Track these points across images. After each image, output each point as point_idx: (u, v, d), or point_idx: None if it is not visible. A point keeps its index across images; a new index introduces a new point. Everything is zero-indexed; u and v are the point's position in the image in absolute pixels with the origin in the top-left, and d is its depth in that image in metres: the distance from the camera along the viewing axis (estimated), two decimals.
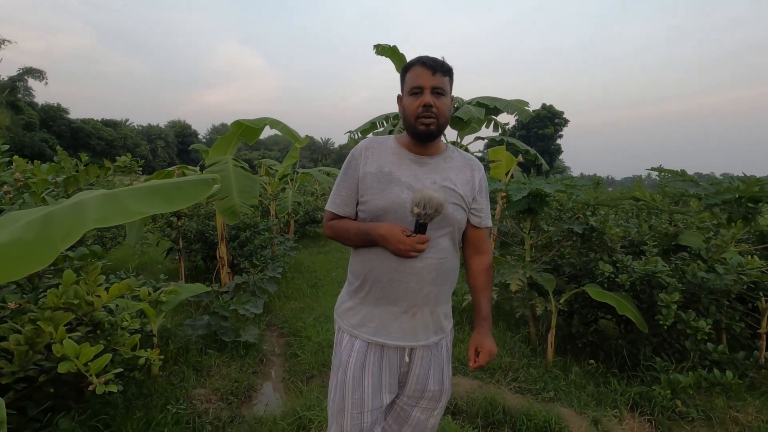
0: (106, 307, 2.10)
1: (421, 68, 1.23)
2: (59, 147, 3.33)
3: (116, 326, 2.01)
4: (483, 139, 7.28)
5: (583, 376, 2.89)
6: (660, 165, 3.66)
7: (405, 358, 1.30)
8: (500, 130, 7.37)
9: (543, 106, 48.69)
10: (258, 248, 5.14)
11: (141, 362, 2.00)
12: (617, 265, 2.92)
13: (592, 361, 3.01)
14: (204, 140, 78.77)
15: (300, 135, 4.50)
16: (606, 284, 2.90)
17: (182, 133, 69.87)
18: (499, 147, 5.88)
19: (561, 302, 3.04)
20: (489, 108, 6.49)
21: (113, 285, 1.92)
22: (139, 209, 1.29)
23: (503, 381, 2.87)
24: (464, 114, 6.18)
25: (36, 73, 39.02)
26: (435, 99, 1.22)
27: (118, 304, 2.18)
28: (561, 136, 50.37)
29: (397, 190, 1.24)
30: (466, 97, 7.03)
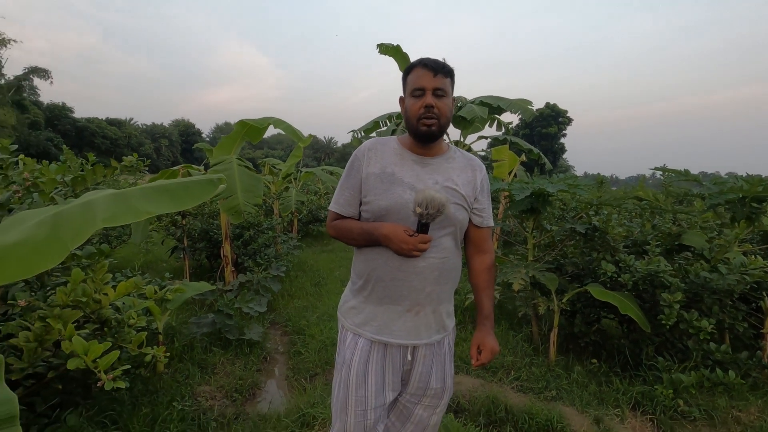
0: (113, 305, 2.14)
1: (423, 70, 1.24)
2: (65, 146, 3.37)
3: (123, 324, 2.04)
4: (486, 139, 7.28)
5: (586, 375, 2.90)
6: (664, 164, 3.67)
7: (408, 357, 1.32)
8: (503, 130, 7.37)
9: (547, 105, 48.46)
10: (262, 247, 5.17)
11: (147, 359, 2.03)
12: (620, 265, 2.92)
13: (595, 361, 3.02)
14: (208, 139, 79.07)
15: (303, 134, 4.52)
16: (608, 284, 2.91)
17: (186, 132, 70.13)
18: (503, 146, 5.88)
19: (563, 301, 3.05)
20: (492, 107, 6.49)
21: (120, 283, 1.95)
22: (147, 209, 1.31)
23: (505, 380, 2.89)
24: (467, 113, 6.18)
25: (41, 72, 39.32)
26: (436, 100, 1.24)
27: (125, 302, 2.20)
28: (565, 135, 50.12)
29: (400, 191, 1.25)
30: (470, 96, 7.03)
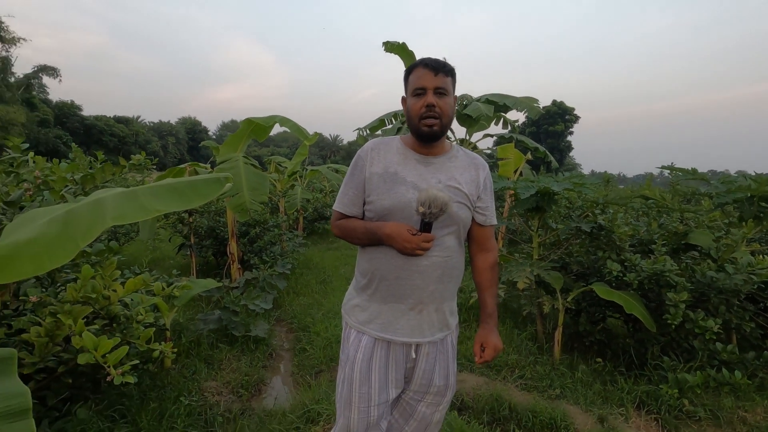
0: (122, 301, 2.17)
1: (424, 69, 1.25)
2: (74, 144, 3.41)
3: (131, 320, 2.07)
4: (492, 137, 7.23)
5: (590, 374, 2.90)
6: (672, 163, 3.64)
7: (411, 354, 1.33)
8: (509, 128, 7.33)
9: (553, 103, 48.11)
10: (267, 244, 5.21)
11: (155, 355, 2.06)
12: (625, 264, 2.91)
13: (599, 360, 3.02)
14: (214, 137, 79.37)
15: (309, 132, 4.54)
16: (614, 283, 2.90)
17: (193, 130, 70.48)
18: (508, 144, 5.86)
19: (568, 300, 3.04)
20: (498, 105, 6.45)
21: (129, 280, 1.99)
22: (156, 207, 1.33)
23: (510, 378, 2.89)
24: (473, 111, 6.15)
25: (50, 71, 39.67)
26: (438, 99, 1.25)
27: (133, 299, 2.24)
28: (572, 133, 49.76)
29: (403, 190, 1.26)
30: (476, 94, 7.00)
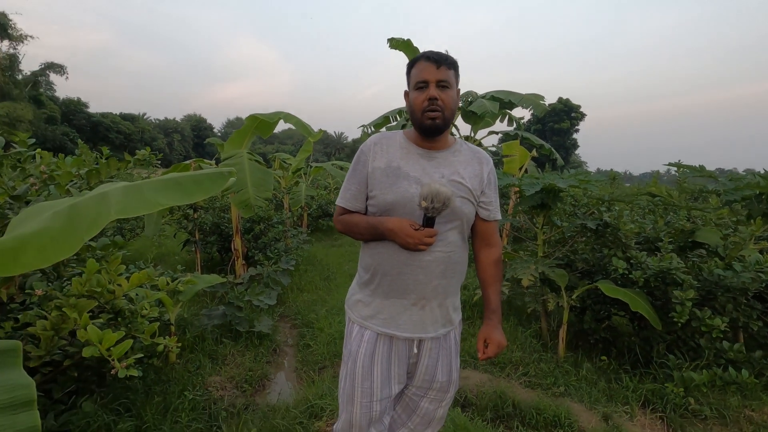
0: (127, 296, 2.18)
1: (426, 62, 1.24)
2: (80, 140, 3.44)
3: (136, 314, 2.08)
4: (497, 134, 7.19)
5: (595, 372, 2.88)
6: (679, 160, 3.60)
7: (414, 350, 1.33)
8: (515, 125, 7.28)
9: (559, 100, 47.80)
10: (272, 241, 5.22)
11: (159, 349, 2.07)
12: (631, 262, 2.89)
13: (604, 358, 3.00)
14: (219, 134, 79.69)
15: (313, 129, 4.54)
16: (619, 281, 2.88)
17: (198, 127, 70.78)
18: (513, 141, 5.83)
19: (573, 298, 3.02)
20: (503, 102, 6.41)
21: (134, 274, 1.99)
22: (159, 201, 1.33)
23: (514, 375, 2.88)
24: (478, 108, 6.12)
25: (57, 68, 39.96)
26: (440, 92, 1.23)
27: (138, 293, 2.25)
28: (577, 131, 49.46)
29: (406, 185, 1.25)
30: (481, 91, 6.96)
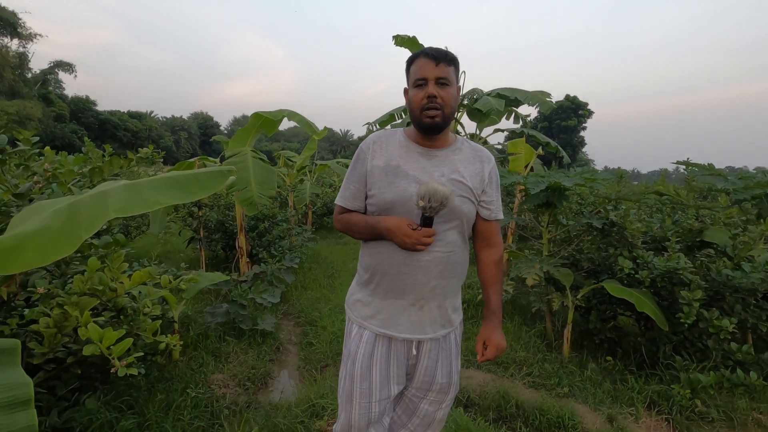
0: (130, 294, 2.19)
1: (425, 59, 1.22)
2: (86, 138, 3.46)
3: (139, 312, 2.08)
4: (503, 131, 7.14)
5: (600, 373, 2.85)
6: (688, 158, 3.54)
7: (413, 351, 1.31)
8: (521, 122, 7.22)
9: (566, 97, 47.37)
10: (276, 239, 5.23)
11: (161, 347, 2.08)
12: (637, 261, 2.85)
13: (610, 358, 2.97)
14: (226, 131, 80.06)
15: (318, 127, 4.52)
16: (625, 280, 2.84)
17: (205, 125, 71.13)
18: (519, 139, 5.78)
19: (578, 297, 2.99)
20: (509, 99, 6.35)
21: (135, 272, 2.00)
22: (158, 200, 1.33)
23: (517, 375, 2.86)
24: (483, 106, 6.08)
25: (66, 66, 40.39)
26: (439, 89, 1.21)
27: (141, 291, 2.26)
28: (585, 128, 48.97)
29: (405, 184, 1.24)
30: (487, 88, 6.91)
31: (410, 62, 1.28)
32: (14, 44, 33.22)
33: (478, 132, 6.76)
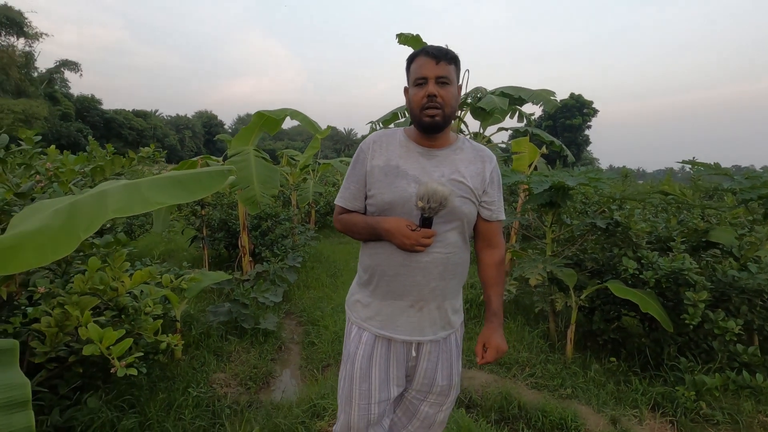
0: (131, 293, 2.19)
1: (425, 58, 1.20)
2: (90, 137, 3.47)
3: (140, 312, 2.08)
4: (507, 130, 7.10)
5: (603, 374, 2.83)
6: (694, 157, 3.50)
7: (412, 353, 1.30)
8: (525, 121, 7.18)
9: (571, 96, 47.12)
10: (279, 238, 5.23)
11: (162, 347, 2.08)
12: (642, 262, 2.82)
13: (613, 359, 2.94)
14: (230, 130, 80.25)
15: (321, 126, 4.51)
16: (630, 281, 2.81)
17: (209, 124, 71.42)
18: (523, 138, 5.75)
19: (582, 298, 2.97)
20: (513, 98, 6.31)
21: (136, 272, 2.00)
22: (158, 199, 1.32)
23: (520, 376, 2.84)
24: (487, 104, 6.04)
25: (71, 65, 40.70)
26: (439, 89, 1.20)
27: (143, 290, 2.26)
28: (590, 127, 48.74)
29: (404, 184, 1.22)
30: (491, 87, 6.86)
31: (410, 61, 1.26)
32: (20, 43, 33.50)
33: (482, 131, 6.72)
